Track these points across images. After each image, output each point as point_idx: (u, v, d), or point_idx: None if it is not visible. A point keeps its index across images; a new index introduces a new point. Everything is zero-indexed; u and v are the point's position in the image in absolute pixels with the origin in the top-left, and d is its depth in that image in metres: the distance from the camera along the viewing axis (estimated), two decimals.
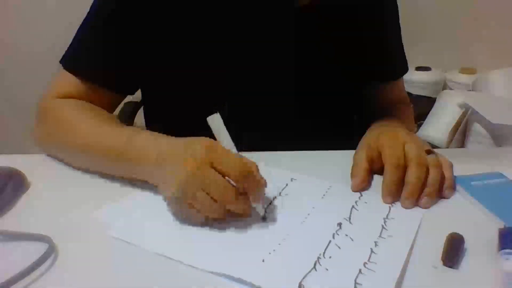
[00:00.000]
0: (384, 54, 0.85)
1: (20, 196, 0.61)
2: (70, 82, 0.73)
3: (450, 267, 0.49)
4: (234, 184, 0.52)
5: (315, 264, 0.48)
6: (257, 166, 0.55)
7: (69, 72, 0.73)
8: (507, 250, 0.47)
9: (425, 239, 0.53)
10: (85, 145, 0.65)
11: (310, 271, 0.47)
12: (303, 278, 0.46)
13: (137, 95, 0.91)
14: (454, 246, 0.50)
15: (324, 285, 0.45)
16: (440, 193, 0.62)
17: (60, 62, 0.74)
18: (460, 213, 0.59)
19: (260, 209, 0.55)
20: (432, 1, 1.93)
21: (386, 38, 0.85)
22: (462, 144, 1.63)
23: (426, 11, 1.93)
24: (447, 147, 1.62)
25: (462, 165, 0.67)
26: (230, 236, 0.53)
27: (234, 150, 0.54)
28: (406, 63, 0.91)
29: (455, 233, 0.52)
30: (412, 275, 0.47)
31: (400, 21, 0.87)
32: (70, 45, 0.75)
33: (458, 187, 0.64)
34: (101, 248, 0.52)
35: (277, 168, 0.67)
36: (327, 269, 0.47)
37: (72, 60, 0.74)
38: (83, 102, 0.72)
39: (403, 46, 0.90)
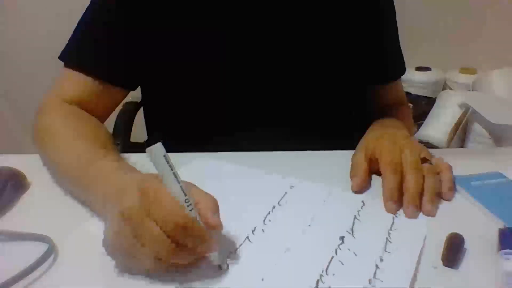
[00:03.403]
0: (382, 55, 0.85)
1: (20, 196, 0.61)
2: (73, 80, 0.72)
3: (450, 267, 0.49)
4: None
5: (317, 283, 0.45)
6: (216, 204, 0.47)
7: (72, 68, 0.72)
8: (507, 250, 0.47)
9: (425, 239, 0.53)
10: (55, 164, 0.64)
11: None
12: None
13: (137, 95, 0.91)
14: (454, 246, 0.50)
15: None
16: (440, 196, 0.61)
17: (61, 59, 0.73)
18: (460, 213, 0.59)
19: (214, 257, 0.47)
20: (432, 1, 1.93)
21: (384, 39, 0.85)
22: (462, 144, 1.63)
23: (426, 11, 1.93)
24: (447, 147, 1.62)
25: (462, 165, 0.67)
26: (227, 251, 0.50)
27: (176, 189, 0.45)
28: (404, 64, 0.92)
29: (455, 233, 0.52)
30: (412, 275, 0.47)
31: (400, 22, 0.87)
32: (70, 40, 0.74)
33: (458, 187, 0.64)
34: (101, 248, 0.51)
35: (275, 175, 0.65)
36: None
37: (75, 57, 0.73)
38: (77, 114, 0.70)
39: (400, 46, 0.90)
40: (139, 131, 0.99)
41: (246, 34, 0.74)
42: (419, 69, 1.99)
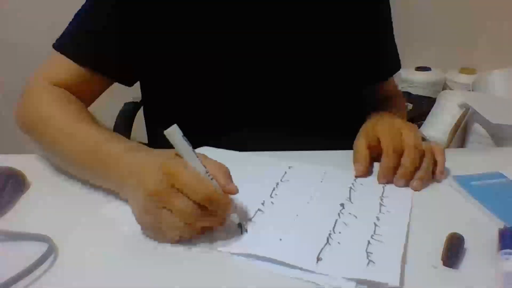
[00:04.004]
0: (381, 53, 0.86)
1: (20, 196, 0.61)
2: (61, 65, 0.72)
3: (450, 267, 0.49)
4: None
5: (328, 239, 0.52)
6: (228, 171, 0.53)
7: (62, 53, 0.72)
8: (507, 250, 0.48)
9: (425, 239, 0.53)
10: (55, 148, 0.65)
11: (325, 246, 0.51)
12: (320, 251, 0.50)
13: (137, 95, 0.91)
14: (454, 246, 0.50)
15: (339, 256, 0.49)
16: (432, 177, 0.65)
17: (56, 47, 0.74)
18: (460, 213, 0.59)
19: (234, 218, 0.53)
20: (432, 1, 1.93)
21: (382, 37, 0.86)
22: (462, 144, 1.63)
23: (426, 11, 1.93)
24: (447, 147, 1.62)
25: (462, 165, 0.68)
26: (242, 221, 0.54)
27: (197, 164, 0.50)
28: (399, 60, 0.93)
29: (455, 233, 0.52)
30: (412, 275, 0.47)
31: (400, 22, 0.87)
32: (66, 30, 0.75)
33: (458, 187, 0.64)
34: (101, 248, 0.52)
35: (272, 158, 0.71)
36: (339, 243, 0.52)
37: (66, 43, 0.74)
38: (67, 97, 0.70)
39: (395, 42, 0.91)
40: (139, 131, 0.99)
41: (246, 33, 0.74)
42: (419, 69, 1.98)
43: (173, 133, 0.49)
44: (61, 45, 0.73)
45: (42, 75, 0.73)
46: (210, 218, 0.50)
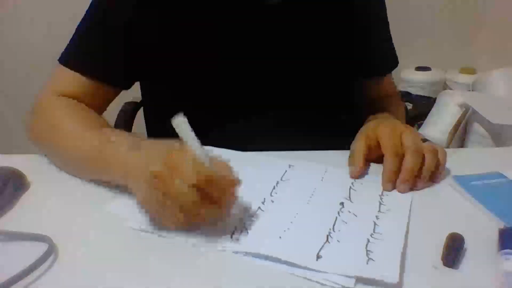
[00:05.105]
0: (373, 48, 0.86)
1: (20, 196, 0.61)
2: (69, 79, 0.73)
3: (450, 267, 0.49)
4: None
5: (327, 238, 0.52)
6: (230, 166, 0.53)
7: (68, 68, 0.73)
8: (507, 250, 0.48)
9: (425, 239, 0.53)
10: (63, 151, 0.66)
11: (324, 244, 0.51)
12: (320, 249, 0.50)
13: (137, 95, 0.91)
14: (454, 246, 0.50)
15: (339, 254, 0.50)
16: (432, 177, 0.64)
17: (60, 60, 0.74)
18: (460, 213, 0.59)
19: (235, 209, 0.53)
20: (432, 1, 1.93)
21: (374, 31, 0.86)
22: (462, 144, 1.63)
23: (426, 11, 1.93)
24: (447, 147, 1.62)
25: (462, 165, 0.68)
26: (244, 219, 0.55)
27: (201, 153, 0.51)
28: (396, 57, 0.93)
29: (455, 233, 0.52)
30: (412, 275, 0.47)
31: (400, 21, 0.87)
32: (69, 43, 0.75)
33: (458, 187, 0.64)
34: (101, 248, 0.52)
35: (272, 157, 0.71)
36: (338, 241, 0.52)
37: (72, 57, 0.74)
38: (75, 104, 0.72)
39: (392, 40, 0.91)
40: (139, 131, 0.99)
41: (244, 35, 0.74)
42: (419, 69, 1.98)
43: (179, 122, 0.50)
44: (67, 59, 0.74)
45: (50, 90, 0.74)
46: (208, 205, 0.50)
